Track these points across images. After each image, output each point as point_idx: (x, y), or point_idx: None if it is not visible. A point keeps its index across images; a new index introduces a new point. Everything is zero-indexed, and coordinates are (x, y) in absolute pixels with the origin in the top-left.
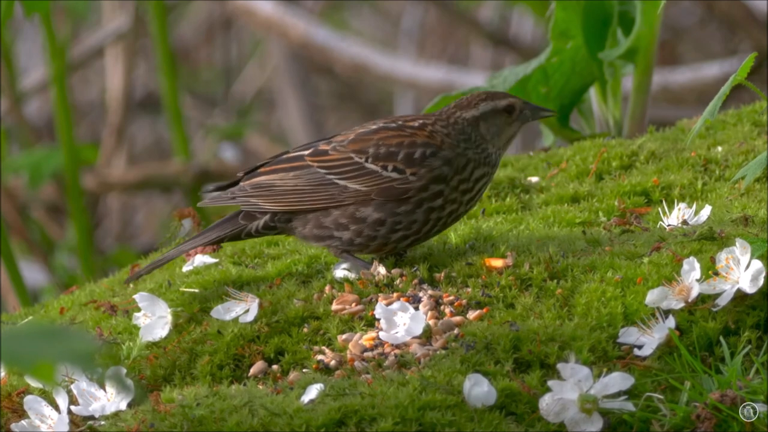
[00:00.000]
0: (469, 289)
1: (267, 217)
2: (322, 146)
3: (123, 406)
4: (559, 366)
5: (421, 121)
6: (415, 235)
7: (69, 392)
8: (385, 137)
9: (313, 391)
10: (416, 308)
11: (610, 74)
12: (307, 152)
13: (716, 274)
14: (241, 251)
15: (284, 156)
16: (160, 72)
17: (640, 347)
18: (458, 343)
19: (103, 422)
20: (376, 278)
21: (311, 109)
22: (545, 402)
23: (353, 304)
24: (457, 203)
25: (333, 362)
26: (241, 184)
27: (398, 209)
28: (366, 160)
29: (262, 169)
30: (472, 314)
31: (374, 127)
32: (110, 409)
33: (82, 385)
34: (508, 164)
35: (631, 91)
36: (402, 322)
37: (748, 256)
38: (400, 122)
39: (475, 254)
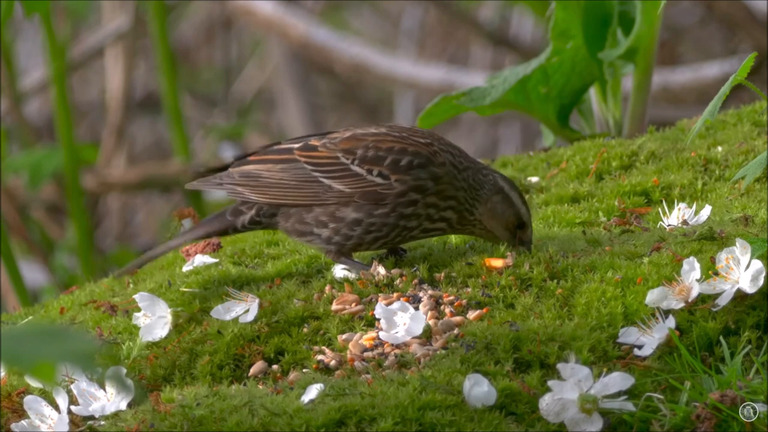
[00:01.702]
0: (469, 289)
1: (253, 212)
2: (313, 141)
3: (123, 406)
4: (559, 366)
5: (428, 140)
6: (384, 239)
7: (69, 392)
8: (380, 140)
9: (313, 391)
10: (416, 308)
11: (610, 74)
12: (297, 146)
13: (716, 274)
14: (241, 251)
15: (275, 147)
16: (160, 72)
17: (640, 347)
18: (458, 343)
19: (103, 422)
20: (376, 278)
21: (311, 109)
22: (545, 402)
23: (353, 304)
24: (417, 221)
25: (333, 362)
26: (230, 170)
27: (375, 212)
28: (352, 162)
29: (252, 158)
30: (472, 314)
31: (375, 130)
32: (110, 409)
33: (82, 385)
34: (508, 164)
35: (631, 91)
36: (402, 322)
37: (748, 256)
38: (405, 134)
39: (475, 254)
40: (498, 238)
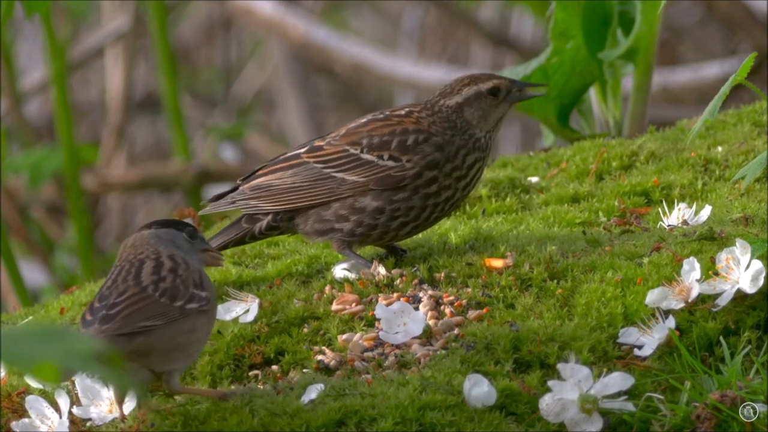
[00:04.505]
0: (469, 289)
1: (269, 217)
2: (317, 143)
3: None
4: (559, 366)
5: (407, 109)
6: (414, 222)
7: (69, 393)
8: (375, 128)
9: (313, 391)
10: (416, 308)
11: (610, 74)
12: (302, 150)
13: (716, 274)
14: (241, 251)
15: (281, 157)
16: (160, 72)
17: (640, 347)
18: (458, 343)
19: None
20: (376, 278)
21: (311, 109)
22: (545, 402)
23: (353, 304)
24: (453, 189)
25: (333, 362)
26: (241, 188)
27: (395, 197)
28: (361, 151)
29: (260, 172)
30: (472, 314)
31: (363, 120)
32: (110, 419)
33: (85, 383)
34: (508, 164)
35: (631, 91)
36: (402, 322)
37: (748, 256)
38: (387, 113)
39: (475, 254)
40: (502, 116)
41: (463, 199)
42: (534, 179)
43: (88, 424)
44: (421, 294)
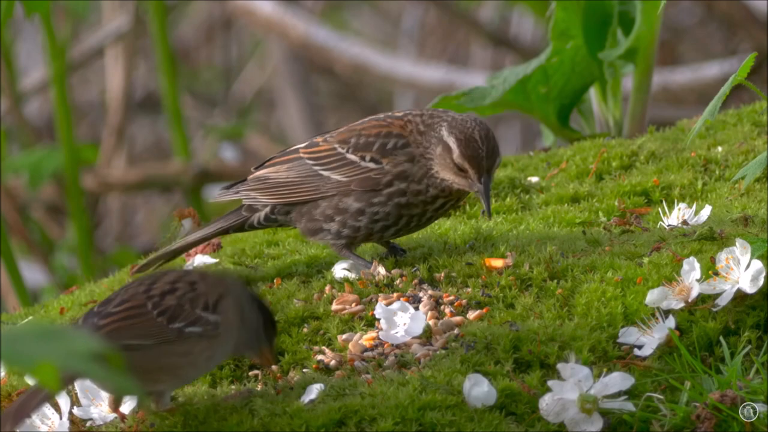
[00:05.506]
0: (469, 289)
1: (267, 209)
2: (317, 139)
3: (124, 408)
4: (559, 366)
5: (405, 112)
6: (395, 226)
7: (69, 393)
8: (368, 127)
9: (313, 391)
10: (416, 308)
11: (610, 74)
12: (302, 145)
13: (716, 274)
14: (240, 251)
15: (285, 150)
16: (160, 72)
17: (640, 347)
18: (458, 343)
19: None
20: (376, 278)
21: (311, 109)
22: (545, 402)
23: (353, 304)
24: (420, 208)
25: (333, 362)
26: (248, 178)
27: (374, 199)
28: (347, 151)
29: (267, 164)
30: (472, 314)
31: (365, 119)
32: (110, 418)
33: (85, 383)
34: (508, 164)
35: (631, 91)
36: (402, 322)
37: (748, 256)
38: (388, 113)
39: (475, 254)
40: (452, 187)
41: (437, 217)
42: (534, 179)
43: (89, 424)
44: (421, 294)
